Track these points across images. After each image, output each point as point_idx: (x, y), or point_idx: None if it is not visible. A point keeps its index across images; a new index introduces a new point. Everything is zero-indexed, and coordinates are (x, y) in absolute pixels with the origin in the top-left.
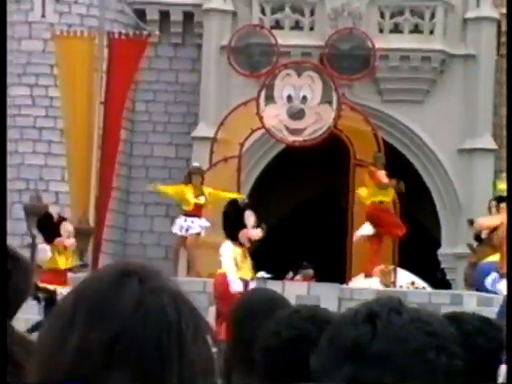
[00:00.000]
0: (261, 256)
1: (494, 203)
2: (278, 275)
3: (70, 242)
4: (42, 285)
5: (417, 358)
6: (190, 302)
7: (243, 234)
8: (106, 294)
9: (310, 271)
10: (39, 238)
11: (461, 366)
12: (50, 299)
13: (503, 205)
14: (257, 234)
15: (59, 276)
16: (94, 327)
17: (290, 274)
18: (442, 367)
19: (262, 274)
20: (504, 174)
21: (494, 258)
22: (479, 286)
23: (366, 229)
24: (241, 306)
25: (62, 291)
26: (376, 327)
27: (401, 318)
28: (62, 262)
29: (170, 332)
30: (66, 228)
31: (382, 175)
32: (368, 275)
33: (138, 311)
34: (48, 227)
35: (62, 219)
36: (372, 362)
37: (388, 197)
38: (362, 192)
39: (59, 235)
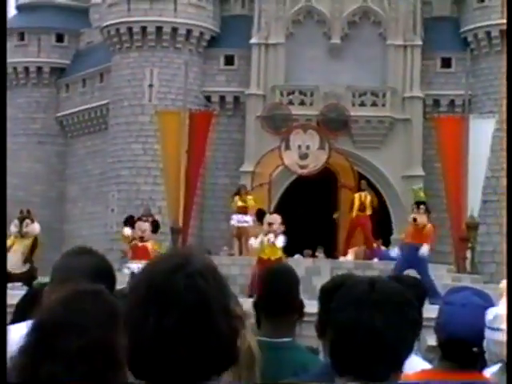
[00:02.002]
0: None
1: (414, 206)
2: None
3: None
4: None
5: (396, 308)
6: (216, 279)
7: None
8: (165, 285)
9: (309, 251)
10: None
11: (419, 319)
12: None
13: (422, 206)
14: None
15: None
16: (163, 314)
17: (309, 252)
18: (410, 317)
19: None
20: (420, 185)
21: None
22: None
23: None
24: (270, 271)
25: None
26: (374, 287)
27: (389, 283)
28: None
29: (200, 306)
30: (140, 226)
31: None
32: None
33: (184, 296)
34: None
35: (138, 219)
36: (368, 307)
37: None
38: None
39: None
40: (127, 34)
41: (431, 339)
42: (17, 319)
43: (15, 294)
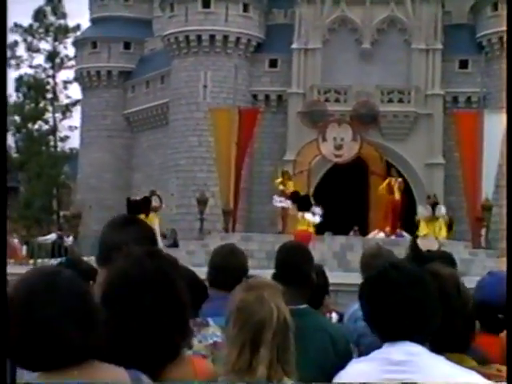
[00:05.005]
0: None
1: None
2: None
3: None
4: None
5: (424, 285)
6: (176, 264)
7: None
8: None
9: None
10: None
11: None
12: None
13: None
14: None
15: None
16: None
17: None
18: (433, 288)
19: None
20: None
21: None
22: None
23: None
24: (283, 246)
25: None
26: (403, 272)
27: (407, 266)
28: None
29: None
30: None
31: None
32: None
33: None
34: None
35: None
36: (409, 288)
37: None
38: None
39: None
40: (185, 41)
41: None
42: None
43: None
